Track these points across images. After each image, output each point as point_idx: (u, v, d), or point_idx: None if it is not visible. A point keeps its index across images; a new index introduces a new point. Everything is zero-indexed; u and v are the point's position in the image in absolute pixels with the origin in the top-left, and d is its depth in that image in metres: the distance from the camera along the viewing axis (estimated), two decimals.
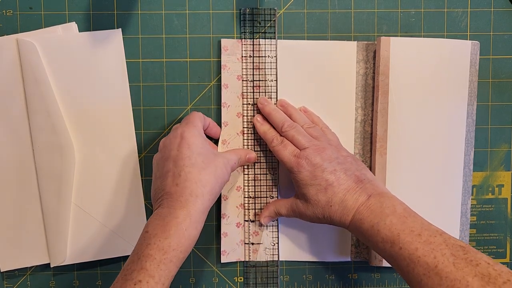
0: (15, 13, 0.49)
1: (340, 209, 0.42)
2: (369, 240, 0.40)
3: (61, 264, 0.49)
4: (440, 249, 0.35)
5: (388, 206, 0.40)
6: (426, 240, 0.36)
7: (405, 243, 0.37)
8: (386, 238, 0.38)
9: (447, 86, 0.49)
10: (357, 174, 0.43)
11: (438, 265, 0.34)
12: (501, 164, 0.52)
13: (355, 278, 0.53)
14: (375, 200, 0.41)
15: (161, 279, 0.36)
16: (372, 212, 0.40)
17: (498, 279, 0.32)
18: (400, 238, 0.37)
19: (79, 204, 0.49)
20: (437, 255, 0.35)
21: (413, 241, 0.36)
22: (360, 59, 0.50)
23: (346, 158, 0.44)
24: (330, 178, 0.42)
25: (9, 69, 0.48)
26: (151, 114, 0.50)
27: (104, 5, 0.49)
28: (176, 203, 0.40)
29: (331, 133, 0.48)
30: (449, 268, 0.34)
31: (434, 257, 0.35)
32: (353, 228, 0.42)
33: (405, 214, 0.39)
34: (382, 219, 0.39)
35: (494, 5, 0.51)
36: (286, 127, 0.46)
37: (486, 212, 0.53)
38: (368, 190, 0.42)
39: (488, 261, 0.34)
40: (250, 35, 0.49)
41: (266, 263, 0.51)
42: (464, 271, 0.33)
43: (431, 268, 0.34)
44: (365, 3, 0.51)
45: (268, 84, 0.50)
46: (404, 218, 0.38)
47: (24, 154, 0.49)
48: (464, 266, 0.34)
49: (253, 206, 0.50)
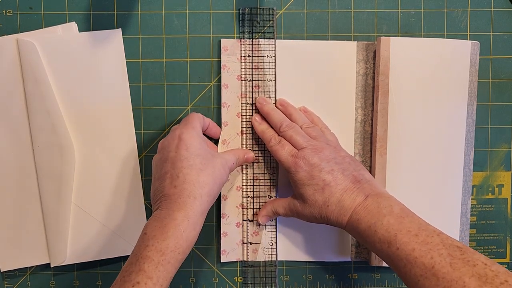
0: (15, 13, 0.49)
1: (337, 209, 0.41)
2: (366, 240, 0.40)
3: (61, 264, 0.49)
4: (437, 249, 0.35)
5: (385, 206, 0.39)
6: (423, 240, 0.36)
7: (402, 244, 0.36)
8: (383, 238, 0.38)
9: (447, 86, 0.49)
10: (355, 174, 0.43)
11: (435, 265, 0.34)
12: (501, 164, 0.52)
13: (355, 278, 0.53)
14: (373, 200, 0.40)
15: (159, 281, 0.36)
16: (369, 212, 0.40)
17: (495, 280, 0.32)
18: (397, 238, 0.37)
19: (79, 204, 0.49)
20: (434, 256, 0.35)
21: (410, 241, 0.36)
22: (360, 59, 0.50)
23: (344, 159, 0.44)
24: (328, 178, 0.42)
25: (9, 69, 0.48)
26: (151, 114, 0.50)
27: (104, 5, 0.50)
28: (174, 205, 0.40)
29: (330, 134, 0.48)
30: (446, 268, 0.34)
31: (431, 258, 0.35)
32: (350, 228, 0.42)
33: (402, 215, 0.39)
34: (379, 219, 0.39)
35: (494, 5, 0.51)
36: (284, 127, 0.46)
37: (486, 212, 0.53)
38: (366, 190, 0.42)
39: (485, 262, 0.34)
40: (249, 35, 0.49)
41: (264, 263, 0.51)
42: (461, 272, 0.33)
43: (428, 269, 0.34)
44: (365, 3, 0.51)
45: (267, 84, 0.50)
46: (401, 219, 0.38)
47: (24, 154, 0.49)
48: (461, 266, 0.33)
49: (251, 206, 0.50)
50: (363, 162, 0.51)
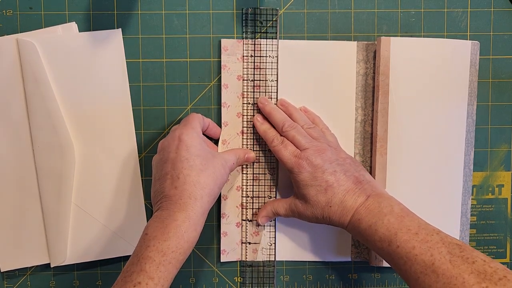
0: (15, 13, 0.49)
1: (340, 210, 0.42)
2: (367, 239, 0.40)
3: (61, 264, 0.49)
4: (437, 247, 0.36)
5: (386, 206, 0.40)
6: (423, 238, 0.37)
7: (402, 242, 0.37)
8: (383, 237, 0.38)
9: (447, 86, 0.49)
10: (356, 175, 0.43)
11: (435, 262, 0.35)
12: (501, 164, 0.52)
13: (355, 278, 0.53)
14: (373, 200, 0.41)
15: (160, 281, 0.37)
16: (370, 212, 0.40)
17: (494, 276, 0.33)
18: (398, 236, 0.38)
19: (79, 204, 0.49)
20: (434, 253, 0.35)
21: (410, 239, 0.37)
22: (360, 59, 0.50)
23: (345, 160, 0.44)
24: (330, 179, 0.42)
25: (9, 69, 0.48)
26: (151, 114, 0.50)
27: (104, 5, 0.49)
28: (175, 205, 0.40)
29: (330, 134, 0.48)
30: (445, 265, 0.34)
31: (431, 255, 0.35)
32: (351, 228, 0.42)
33: (402, 214, 0.39)
34: (380, 218, 0.39)
35: (494, 5, 0.51)
36: (287, 127, 0.46)
37: (486, 212, 0.53)
38: (367, 191, 0.42)
39: (484, 259, 0.34)
40: (252, 35, 0.49)
41: (263, 263, 0.51)
42: (460, 269, 0.34)
43: (428, 266, 0.35)
44: (365, 3, 0.51)
45: (268, 84, 0.50)
46: (401, 218, 0.39)
47: (24, 154, 0.49)
48: (460, 263, 0.34)
49: (251, 206, 0.50)
50: (363, 162, 0.51)
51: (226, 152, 0.47)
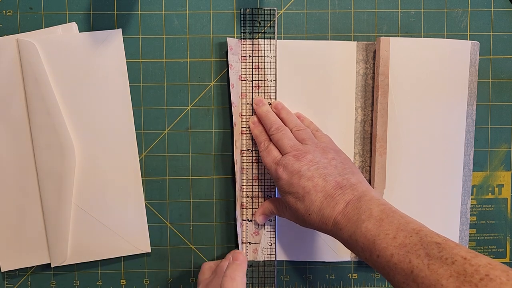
0: (15, 13, 0.49)
1: (319, 218, 0.40)
2: (352, 250, 0.38)
3: (61, 264, 0.49)
4: (415, 250, 0.33)
5: (364, 211, 0.37)
6: (401, 242, 0.34)
7: (381, 250, 0.35)
8: (364, 246, 0.36)
9: (447, 86, 0.49)
10: (338, 179, 0.40)
11: (413, 270, 0.33)
12: (501, 164, 0.52)
13: (355, 278, 0.53)
14: (352, 206, 0.39)
15: None
16: (349, 220, 0.38)
17: (475, 276, 0.30)
18: (376, 244, 0.35)
19: (80, 204, 0.49)
20: (412, 259, 0.33)
21: (388, 246, 0.35)
22: (360, 59, 0.50)
23: (331, 162, 0.42)
24: (307, 185, 0.40)
25: (9, 69, 0.48)
26: (151, 114, 0.50)
27: (104, 5, 0.50)
28: None
29: (323, 135, 0.47)
30: (424, 272, 0.32)
31: (409, 262, 0.33)
32: (335, 236, 0.40)
33: (382, 217, 0.37)
34: (358, 227, 0.37)
35: (494, 5, 0.51)
36: (274, 129, 0.45)
37: (486, 212, 0.53)
38: (347, 196, 0.39)
39: (465, 256, 0.32)
40: (250, 35, 0.49)
41: (263, 263, 0.51)
42: (438, 274, 0.32)
43: (407, 275, 0.33)
44: (365, 3, 0.51)
45: (267, 84, 0.50)
46: (380, 222, 0.36)
47: (24, 154, 0.49)
48: (438, 267, 0.32)
49: (251, 206, 0.51)
50: (363, 162, 0.51)
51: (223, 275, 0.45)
